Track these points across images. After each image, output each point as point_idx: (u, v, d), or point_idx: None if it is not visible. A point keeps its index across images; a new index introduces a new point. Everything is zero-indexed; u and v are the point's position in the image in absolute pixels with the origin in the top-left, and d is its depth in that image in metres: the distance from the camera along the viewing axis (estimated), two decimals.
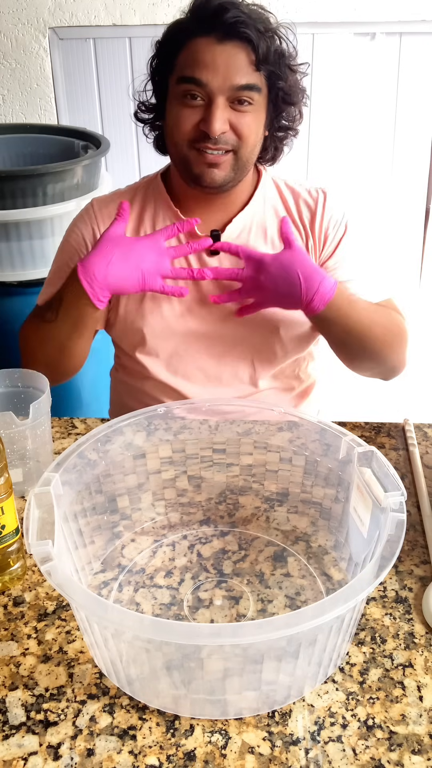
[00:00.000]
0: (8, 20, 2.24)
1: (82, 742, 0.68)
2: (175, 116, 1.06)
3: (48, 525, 0.71)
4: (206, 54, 1.02)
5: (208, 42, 1.02)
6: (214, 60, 1.02)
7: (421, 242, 2.55)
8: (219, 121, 1.02)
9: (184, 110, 1.05)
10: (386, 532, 0.69)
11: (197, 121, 1.04)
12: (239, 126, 1.05)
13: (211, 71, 1.02)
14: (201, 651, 0.64)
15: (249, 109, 1.05)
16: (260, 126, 1.09)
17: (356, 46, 2.29)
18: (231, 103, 1.04)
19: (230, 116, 1.04)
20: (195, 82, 1.02)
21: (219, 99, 1.02)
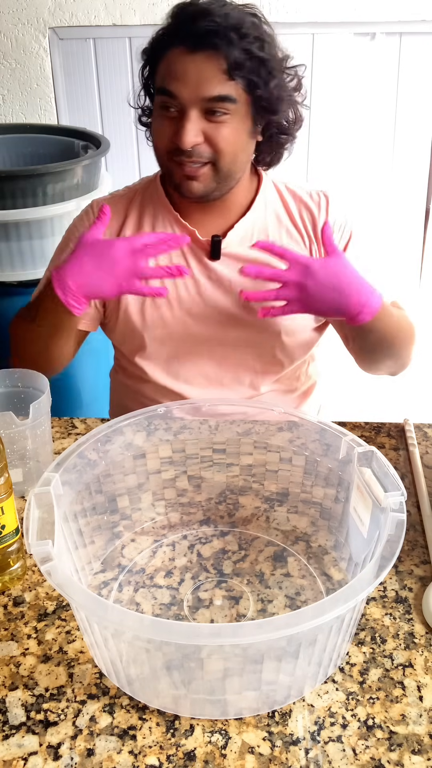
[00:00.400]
0: (8, 20, 2.24)
1: (82, 742, 0.68)
2: (155, 128, 1.06)
3: (48, 525, 0.71)
4: (178, 65, 1.00)
5: (180, 52, 1.00)
6: (185, 71, 0.99)
7: (421, 242, 2.55)
8: (189, 133, 1.00)
9: (162, 122, 1.04)
10: (386, 532, 0.69)
11: (172, 132, 1.03)
12: (214, 138, 1.02)
13: (182, 83, 0.99)
14: (201, 651, 0.64)
15: (226, 120, 1.02)
16: (241, 136, 1.05)
17: (356, 46, 2.28)
18: (205, 114, 1.01)
19: (205, 127, 1.02)
20: (168, 93, 1.01)
21: (190, 111, 1.00)
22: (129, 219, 1.18)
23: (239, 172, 1.09)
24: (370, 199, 2.48)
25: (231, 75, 0.99)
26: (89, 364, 1.82)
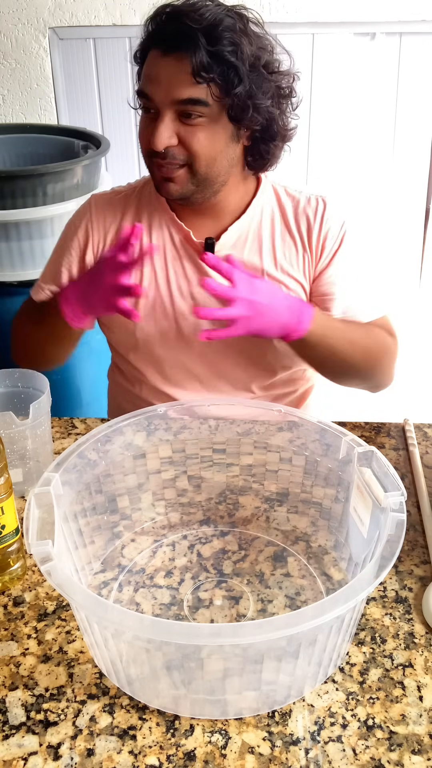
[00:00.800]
0: (8, 20, 2.24)
1: (82, 742, 0.68)
2: (139, 130, 1.07)
3: (48, 525, 0.71)
4: (152, 67, 1.01)
5: (155, 55, 1.01)
6: (158, 74, 1.00)
7: (421, 242, 2.55)
8: (161, 135, 1.00)
9: (143, 122, 1.05)
10: (386, 532, 0.69)
11: (150, 134, 1.03)
12: (188, 140, 1.01)
13: (155, 85, 1.00)
14: (201, 651, 0.64)
15: (200, 122, 1.01)
16: (217, 140, 1.03)
17: (356, 46, 2.28)
18: (180, 117, 1.01)
19: (180, 130, 1.01)
20: (144, 96, 1.02)
21: (164, 113, 1.00)
22: (126, 217, 1.18)
23: (220, 176, 1.07)
24: (370, 199, 2.48)
25: (197, 78, 0.98)
26: (89, 364, 1.82)
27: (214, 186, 1.08)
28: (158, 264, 1.16)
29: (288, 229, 1.16)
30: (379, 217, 2.50)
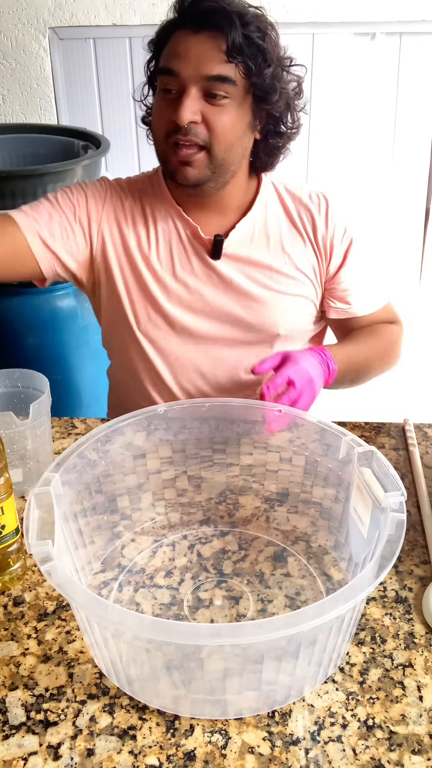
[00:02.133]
0: (8, 20, 2.24)
1: (82, 742, 0.68)
2: (155, 111, 1.07)
3: (48, 525, 0.71)
4: (181, 45, 1.01)
5: (185, 33, 1.02)
6: (187, 50, 1.01)
7: (421, 242, 2.55)
8: (187, 109, 1.00)
9: (161, 104, 1.05)
10: (386, 532, 0.69)
11: (170, 113, 1.03)
12: (211, 120, 1.02)
13: (183, 61, 1.00)
14: (201, 651, 0.64)
15: (224, 104, 1.02)
16: (238, 125, 1.05)
17: (356, 46, 2.29)
18: (205, 96, 1.02)
19: (203, 108, 1.02)
20: (169, 72, 1.02)
21: (190, 88, 1.01)
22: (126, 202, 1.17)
23: (234, 164, 1.08)
24: (370, 199, 2.48)
25: (230, 56, 1.00)
26: (89, 364, 1.82)
27: (226, 175, 1.09)
28: (164, 258, 1.16)
29: (294, 225, 1.17)
30: (379, 217, 2.50)
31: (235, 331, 1.18)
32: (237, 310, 1.17)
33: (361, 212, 2.48)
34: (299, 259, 1.17)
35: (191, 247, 1.15)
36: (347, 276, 1.19)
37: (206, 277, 1.16)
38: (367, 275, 1.22)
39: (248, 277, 1.16)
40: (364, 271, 1.21)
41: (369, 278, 1.23)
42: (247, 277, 1.16)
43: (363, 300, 1.22)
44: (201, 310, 1.17)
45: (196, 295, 1.16)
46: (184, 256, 1.15)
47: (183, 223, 1.15)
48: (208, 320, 1.17)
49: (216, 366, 1.21)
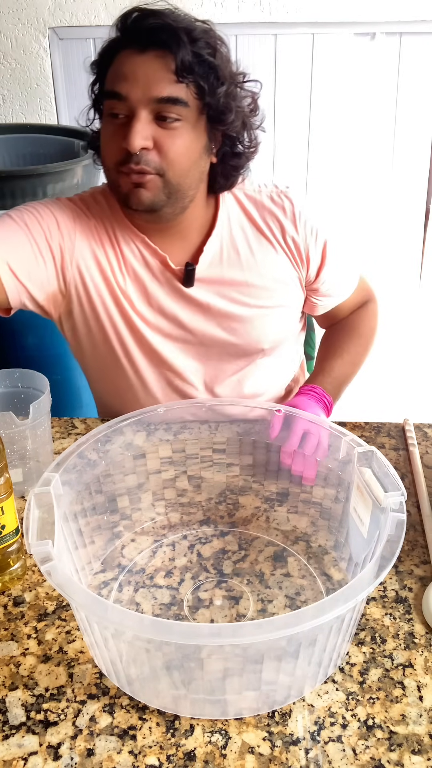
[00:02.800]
0: (8, 20, 2.24)
1: (82, 742, 0.68)
2: (103, 138, 1.00)
3: (48, 525, 0.71)
4: (126, 66, 0.95)
5: (130, 54, 0.96)
6: (134, 71, 0.95)
7: (421, 242, 2.55)
8: (137, 135, 0.94)
9: (109, 129, 0.98)
10: (386, 532, 0.69)
11: (121, 139, 0.96)
12: (164, 145, 0.96)
13: (131, 83, 0.94)
14: (201, 651, 0.64)
15: (177, 127, 0.96)
16: (193, 148, 0.99)
17: (356, 46, 2.29)
18: (156, 120, 0.96)
19: (155, 133, 0.96)
20: (116, 96, 0.96)
21: (140, 112, 0.95)
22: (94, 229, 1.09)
23: (191, 189, 1.03)
24: (370, 199, 2.48)
25: (180, 76, 0.94)
26: None
27: (183, 201, 1.03)
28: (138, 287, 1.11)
29: (261, 233, 1.12)
30: (379, 217, 2.50)
31: (221, 353, 1.16)
32: (219, 333, 1.14)
33: (361, 212, 2.48)
34: (274, 269, 1.13)
35: (162, 276, 1.10)
36: (329, 275, 1.17)
37: (182, 305, 1.12)
38: (345, 263, 1.20)
39: (225, 297, 1.12)
40: (343, 262, 1.19)
41: (347, 264, 1.21)
42: (224, 298, 1.12)
43: (344, 287, 1.22)
44: (182, 337, 1.14)
45: (175, 322, 1.12)
46: (157, 287, 1.11)
47: (150, 252, 1.10)
48: (192, 346, 1.15)
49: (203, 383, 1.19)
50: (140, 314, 1.12)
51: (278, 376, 1.26)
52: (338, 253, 1.17)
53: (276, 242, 1.12)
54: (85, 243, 1.08)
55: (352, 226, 2.49)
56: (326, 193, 2.46)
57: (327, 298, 1.21)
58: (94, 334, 1.14)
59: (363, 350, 1.25)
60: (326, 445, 0.90)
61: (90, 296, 1.10)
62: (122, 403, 1.22)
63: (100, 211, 1.11)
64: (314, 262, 1.15)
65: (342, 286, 1.22)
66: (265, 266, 1.12)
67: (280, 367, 1.25)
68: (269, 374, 1.23)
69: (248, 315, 1.13)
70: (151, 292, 1.11)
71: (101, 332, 1.13)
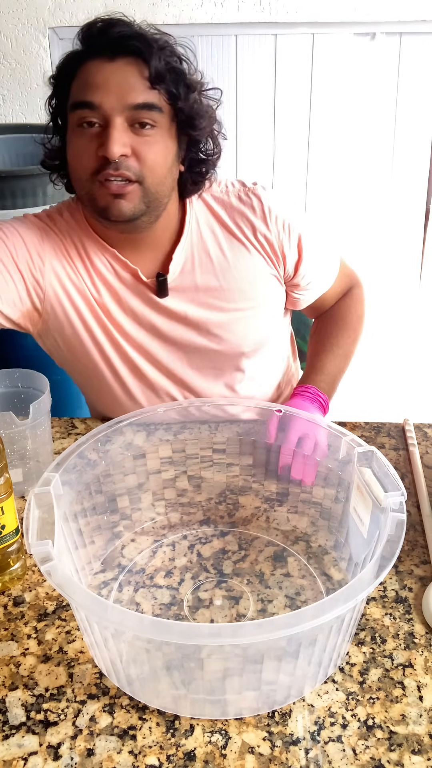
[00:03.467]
0: (8, 20, 2.24)
1: (82, 742, 0.68)
2: (74, 149, 0.98)
3: (48, 525, 0.71)
4: (97, 75, 0.95)
5: (99, 63, 0.95)
6: (106, 80, 0.94)
7: (421, 242, 2.55)
8: (117, 143, 0.93)
9: (82, 140, 0.96)
10: (386, 532, 0.69)
11: (96, 148, 0.95)
12: (142, 152, 0.96)
13: (103, 91, 0.94)
14: (201, 651, 0.64)
15: (152, 134, 0.96)
16: (168, 154, 1.00)
17: (356, 46, 2.29)
18: (131, 127, 0.96)
19: (132, 141, 0.96)
20: (88, 105, 0.94)
21: (116, 120, 0.94)
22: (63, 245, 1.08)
23: (165, 197, 1.03)
24: (370, 199, 2.48)
25: (154, 83, 0.95)
26: None
27: (158, 209, 1.03)
28: (112, 300, 1.10)
29: (232, 235, 1.11)
30: (379, 217, 2.50)
31: (203, 360, 1.16)
32: (198, 340, 1.13)
33: (361, 212, 2.48)
34: (248, 270, 1.12)
35: (135, 289, 1.10)
36: (308, 268, 1.16)
37: (159, 315, 1.11)
38: (323, 253, 1.19)
39: (201, 304, 1.11)
40: (320, 252, 1.18)
41: (325, 254, 1.20)
42: (200, 305, 1.11)
43: (325, 277, 1.22)
44: (162, 347, 1.13)
45: (154, 332, 1.12)
46: (131, 298, 1.10)
47: (121, 265, 1.09)
48: (173, 355, 1.14)
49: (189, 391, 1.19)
50: (119, 326, 1.11)
51: (264, 378, 1.24)
52: (314, 244, 1.15)
53: (248, 242, 1.11)
54: (56, 260, 1.07)
55: (352, 226, 2.49)
56: (326, 193, 2.46)
57: (308, 291, 1.21)
58: (75, 348, 1.13)
59: (353, 341, 1.24)
60: (325, 446, 0.90)
61: (66, 312, 1.09)
62: (112, 413, 1.21)
63: (67, 226, 1.09)
64: (291, 257, 1.14)
65: (322, 276, 1.21)
66: (239, 268, 1.11)
67: (266, 370, 1.24)
68: (254, 377, 1.22)
69: (226, 320, 1.12)
70: (126, 304, 1.10)
71: (82, 347, 1.13)
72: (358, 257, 1.25)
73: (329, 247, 1.22)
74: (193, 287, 1.10)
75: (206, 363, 1.16)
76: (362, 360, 1.27)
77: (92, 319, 1.10)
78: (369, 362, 2.36)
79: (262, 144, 2.38)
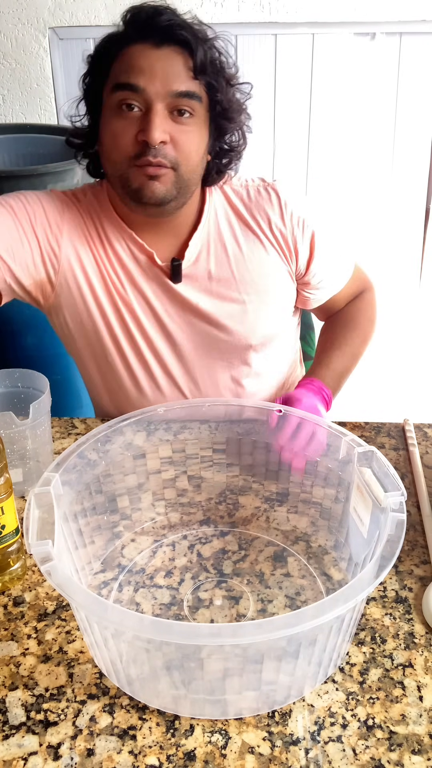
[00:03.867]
0: (8, 20, 2.24)
1: (82, 742, 0.68)
2: (112, 131, 0.99)
3: (48, 525, 0.71)
4: (142, 59, 0.96)
5: (144, 48, 0.96)
6: (151, 65, 0.95)
7: (421, 242, 2.55)
8: (158, 129, 0.95)
9: (121, 122, 0.98)
10: (386, 532, 0.69)
11: (135, 132, 0.97)
12: (179, 140, 0.98)
13: (148, 76, 0.95)
14: (201, 651, 0.64)
15: (190, 122, 0.99)
16: (202, 144, 1.03)
17: (356, 46, 2.29)
18: (171, 114, 0.98)
19: (170, 128, 0.98)
20: (131, 88, 0.96)
21: (157, 105, 0.96)
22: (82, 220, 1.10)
23: (195, 185, 1.05)
24: (370, 199, 2.48)
25: (196, 73, 0.97)
26: None
27: (186, 195, 1.05)
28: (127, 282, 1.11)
29: (248, 227, 1.12)
30: (379, 217, 2.50)
31: (210, 349, 1.16)
32: (207, 330, 1.14)
33: (361, 212, 2.48)
34: (262, 264, 1.13)
35: (150, 272, 1.11)
36: (319, 267, 1.17)
37: (170, 301, 1.12)
38: (336, 253, 1.20)
39: (212, 294, 1.12)
40: (333, 252, 1.19)
41: (338, 255, 1.20)
42: (212, 294, 1.12)
43: (337, 278, 1.22)
44: (170, 335, 1.14)
45: (164, 318, 1.13)
46: (145, 282, 1.11)
47: (137, 248, 1.10)
48: (181, 342, 1.15)
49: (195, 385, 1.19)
50: (130, 307, 1.12)
51: (270, 375, 1.25)
52: (328, 244, 1.16)
53: (264, 236, 1.12)
54: (75, 235, 1.09)
55: (352, 226, 2.49)
56: (326, 193, 2.46)
57: (319, 290, 1.21)
58: (85, 327, 1.14)
59: (362, 342, 1.24)
60: (322, 439, 0.90)
61: (80, 287, 1.10)
62: (115, 403, 1.22)
63: (89, 205, 1.11)
64: (303, 254, 1.15)
65: (334, 277, 1.21)
66: (253, 261, 1.12)
67: (272, 366, 1.24)
68: (261, 373, 1.22)
69: (236, 311, 1.13)
70: (139, 287, 1.12)
71: (92, 325, 1.13)
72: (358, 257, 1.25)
73: (344, 249, 1.22)
74: (206, 275, 1.12)
75: (214, 353, 1.17)
76: (362, 360, 1.26)
77: (105, 296, 1.11)
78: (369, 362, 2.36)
79: (262, 144, 2.38)
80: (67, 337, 1.18)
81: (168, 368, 1.17)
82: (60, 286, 1.10)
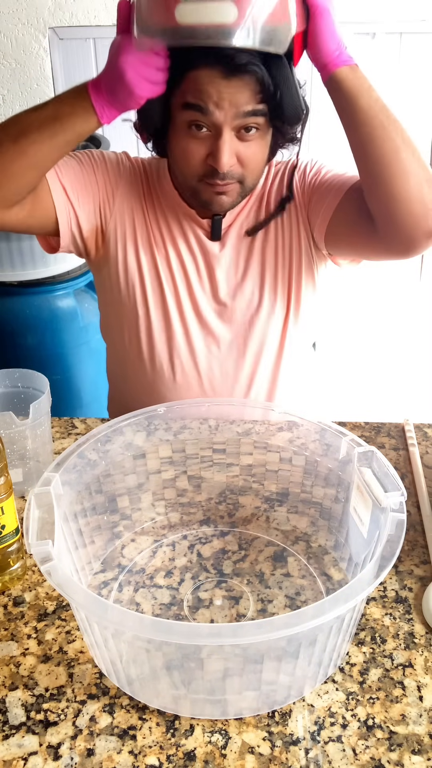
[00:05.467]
0: (8, 20, 2.24)
1: (82, 742, 0.68)
2: (183, 149, 1.03)
3: (48, 525, 0.71)
4: (210, 87, 0.96)
5: (213, 75, 0.95)
6: (220, 94, 0.96)
7: None
8: (226, 155, 0.99)
9: (191, 142, 1.01)
10: (386, 532, 0.69)
11: (205, 155, 1.01)
12: (245, 158, 1.02)
13: (216, 105, 0.96)
14: (201, 651, 0.64)
15: (255, 137, 1.01)
16: (265, 152, 1.07)
17: (356, 45, 2.28)
18: (237, 133, 1.00)
19: (237, 148, 1.01)
20: (201, 110, 0.97)
21: (226, 133, 0.98)
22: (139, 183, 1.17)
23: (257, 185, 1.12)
24: None
25: (264, 95, 0.98)
26: (89, 364, 1.82)
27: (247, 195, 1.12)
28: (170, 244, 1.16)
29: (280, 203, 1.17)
30: None
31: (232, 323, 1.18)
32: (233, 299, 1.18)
33: None
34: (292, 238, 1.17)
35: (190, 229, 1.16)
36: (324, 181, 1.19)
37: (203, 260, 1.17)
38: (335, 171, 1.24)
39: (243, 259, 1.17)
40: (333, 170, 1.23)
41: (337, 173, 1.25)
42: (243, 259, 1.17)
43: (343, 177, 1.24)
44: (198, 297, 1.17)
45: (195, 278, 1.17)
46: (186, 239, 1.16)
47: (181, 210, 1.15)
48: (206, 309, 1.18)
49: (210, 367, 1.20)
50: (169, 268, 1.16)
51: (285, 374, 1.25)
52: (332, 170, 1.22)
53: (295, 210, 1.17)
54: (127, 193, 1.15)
55: None
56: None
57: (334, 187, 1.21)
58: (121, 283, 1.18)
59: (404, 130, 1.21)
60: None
61: (125, 243, 1.15)
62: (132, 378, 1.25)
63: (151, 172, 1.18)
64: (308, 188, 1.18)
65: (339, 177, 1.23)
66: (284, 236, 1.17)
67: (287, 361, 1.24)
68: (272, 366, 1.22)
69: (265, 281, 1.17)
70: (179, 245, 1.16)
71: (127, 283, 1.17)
72: None
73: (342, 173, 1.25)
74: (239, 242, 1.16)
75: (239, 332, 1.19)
76: (362, 359, 1.25)
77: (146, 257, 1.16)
78: (369, 362, 2.36)
79: None
80: (105, 298, 1.23)
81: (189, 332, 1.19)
82: (108, 236, 1.15)
